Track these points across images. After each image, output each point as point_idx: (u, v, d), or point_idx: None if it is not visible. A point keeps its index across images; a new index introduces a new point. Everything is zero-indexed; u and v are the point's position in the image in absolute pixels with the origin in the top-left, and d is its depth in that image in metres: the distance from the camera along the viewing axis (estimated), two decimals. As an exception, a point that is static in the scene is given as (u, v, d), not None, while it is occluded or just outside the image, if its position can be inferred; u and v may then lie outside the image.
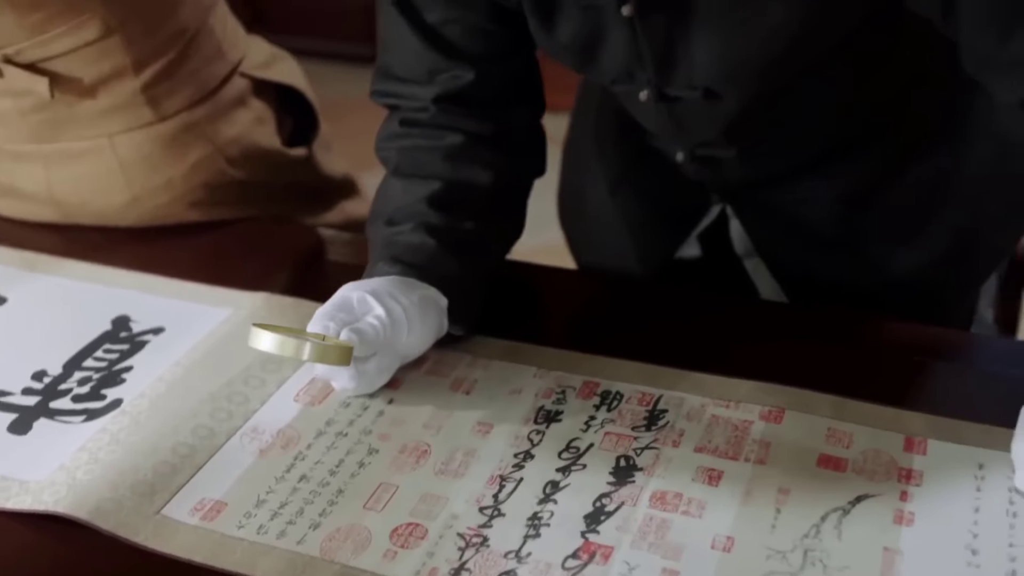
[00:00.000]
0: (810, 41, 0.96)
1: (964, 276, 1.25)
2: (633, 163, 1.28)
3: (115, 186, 1.22)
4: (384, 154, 1.09)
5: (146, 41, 1.16)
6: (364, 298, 0.94)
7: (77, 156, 1.21)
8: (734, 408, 0.94)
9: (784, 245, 1.21)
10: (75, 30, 1.12)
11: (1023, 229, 1.28)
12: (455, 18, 1.04)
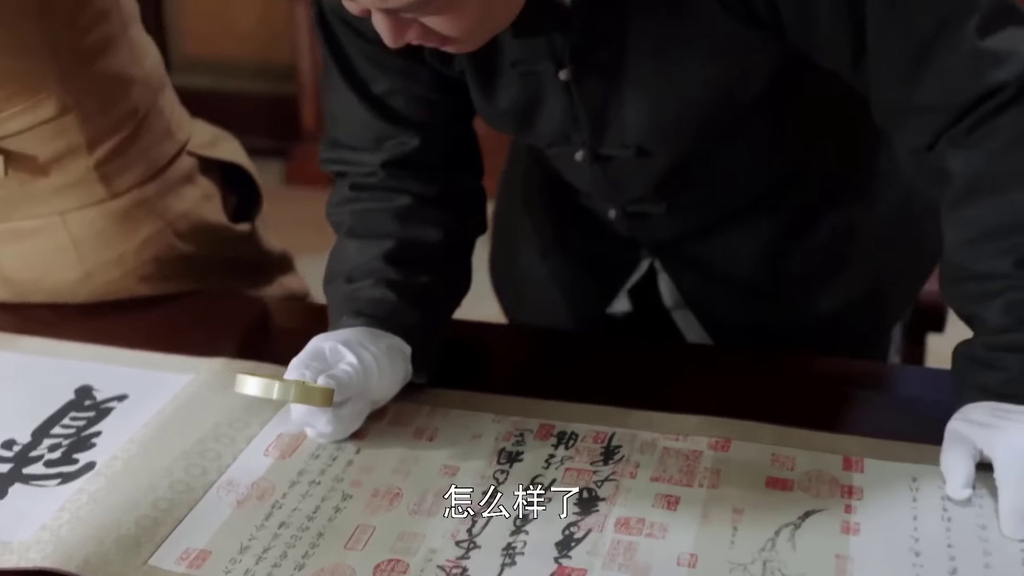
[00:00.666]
0: (731, 97, 1.05)
1: (876, 320, 1.34)
2: (564, 225, 1.35)
3: (67, 263, 1.24)
4: (336, 218, 1.15)
5: (100, 120, 1.20)
6: (336, 347, 0.98)
7: (28, 234, 1.24)
8: (683, 440, 1.00)
9: (711, 295, 1.28)
10: (32, 109, 1.16)
11: (926, 275, 1.37)
12: (400, 88, 1.11)
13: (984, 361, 0.95)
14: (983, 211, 0.95)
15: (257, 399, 1.03)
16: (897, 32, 0.93)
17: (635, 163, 1.11)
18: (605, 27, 0.99)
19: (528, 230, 1.38)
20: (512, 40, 1.01)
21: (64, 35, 1.16)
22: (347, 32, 1.09)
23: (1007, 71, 0.92)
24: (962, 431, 0.93)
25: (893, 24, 0.93)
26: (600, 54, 1.01)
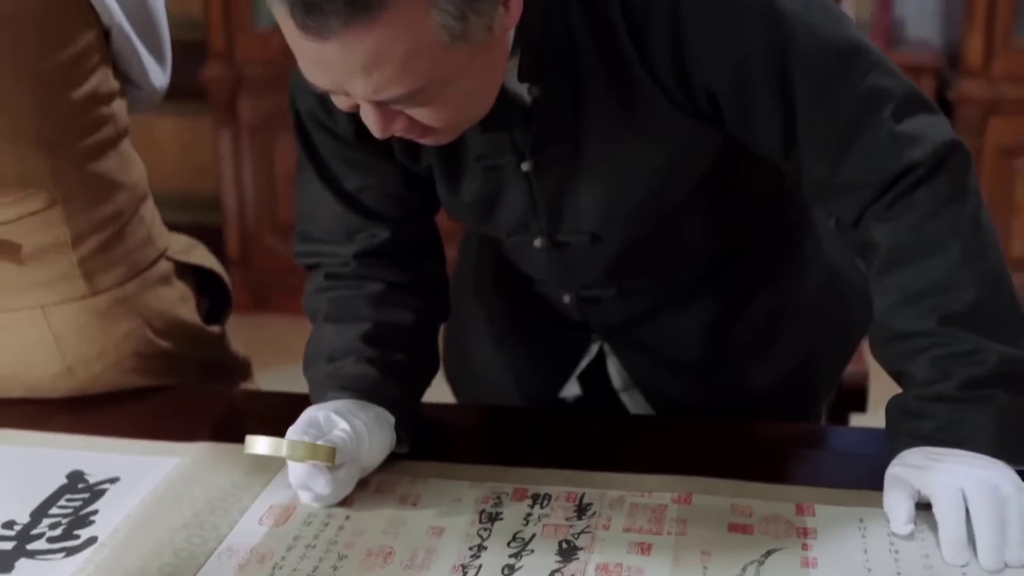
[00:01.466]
0: (675, 185, 1.16)
1: (807, 394, 1.45)
2: (516, 314, 1.44)
3: (48, 357, 1.30)
4: (313, 306, 1.23)
5: (86, 218, 1.27)
6: (329, 416, 1.06)
7: (8, 327, 1.29)
8: (648, 496, 1.09)
9: (657, 374, 1.38)
10: (21, 200, 1.24)
11: (852, 352, 1.49)
12: (371, 185, 1.21)
13: (915, 411, 1.05)
14: (906, 277, 1.07)
15: (246, 475, 1.11)
16: (823, 120, 1.06)
17: (589, 248, 1.22)
18: (562, 124, 1.11)
19: (480, 321, 1.47)
20: (477, 136, 1.11)
21: (61, 135, 1.24)
22: (322, 134, 1.19)
23: (920, 151, 1.05)
24: (901, 475, 1.03)
25: (819, 113, 1.06)
26: (558, 148, 1.12)
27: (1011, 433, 1.03)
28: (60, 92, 1.23)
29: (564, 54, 1.06)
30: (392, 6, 0.86)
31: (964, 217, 1.07)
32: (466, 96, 0.98)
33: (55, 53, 1.21)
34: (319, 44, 0.89)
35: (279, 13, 0.89)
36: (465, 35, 0.91)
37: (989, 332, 1.05)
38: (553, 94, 1.08)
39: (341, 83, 0.93)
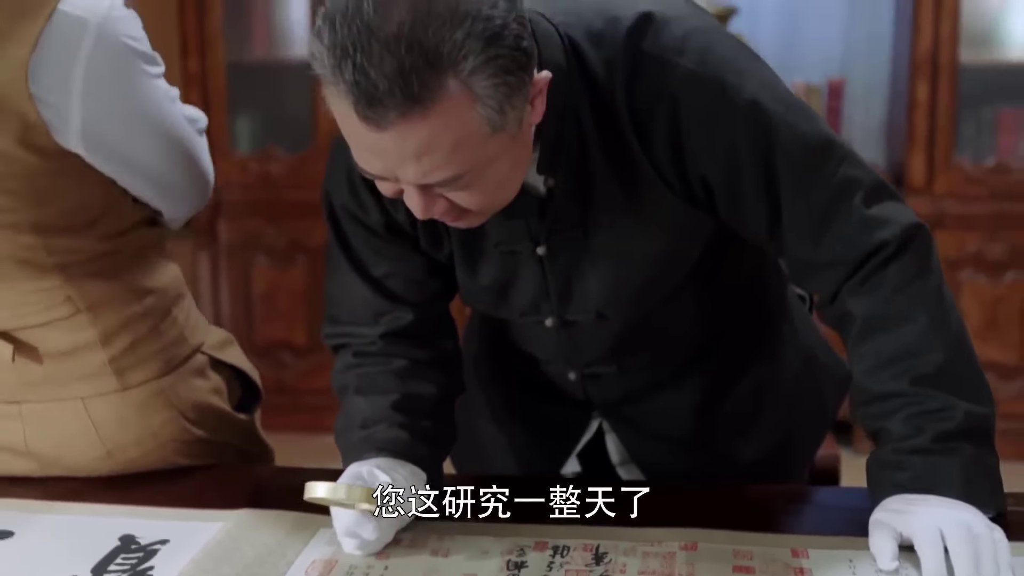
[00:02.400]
0: (672, 268, 1.31)
1: (785, 468, 1.57)
2: (519, 395, 1.56)
3: (89, 442, 1.40)
4: (342, 382, 1.34)
5: (112, 321, 1.38)
6: (372, 470, 1.17)
7: (54, 415, 1.39)
8: (658, 546, 1.20)
9: (653, 449, 1.51)
10: (45, 310, 1.35)
11: (826, 432, 1.63)
12: (397, 272, 1.34)
13: (893, 464, 1.18)
14: (880, 344, 1.21)
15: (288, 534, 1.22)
16: (803, 206, 1.21)
17: (595, 327, 1.35)
18: (573, 212, 1.25)
19: (483, 402, 1.59)
20: (496, 224, 1.25)
21: (76, 259, 1.35)
22: (354, 225, 1.33)
23: (888, 232, 1.21)
24: (883, 519, 1.16)
25: (800, 200, 1.21)
26: (569, 234, 1.27)
27: (978, 481, 1.16)
28: (72, 233, 1.34)
29: (575, 149, 1.21)
30: (443, 100, 1.00)
31: (929, 290, 1.22)
32: (500, 182, 1.12)
33: (59, 203, 1.31)
34: (377, 133, 1.02)
35: (340, 105, 1.03)
36: (503, 126, 1.05)
37: (956, 391, 1.19)
38: (565, 185, 1.23)
39: (393, 169, 1.06)
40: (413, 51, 0.98)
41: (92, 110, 1.26)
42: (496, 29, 1.01)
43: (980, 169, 3.58)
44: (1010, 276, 3.57)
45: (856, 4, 3.98)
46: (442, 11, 0.99)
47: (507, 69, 1.03)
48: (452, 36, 0.99)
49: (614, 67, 1.17)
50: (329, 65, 1.01)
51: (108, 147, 1.30)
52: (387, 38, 0.98)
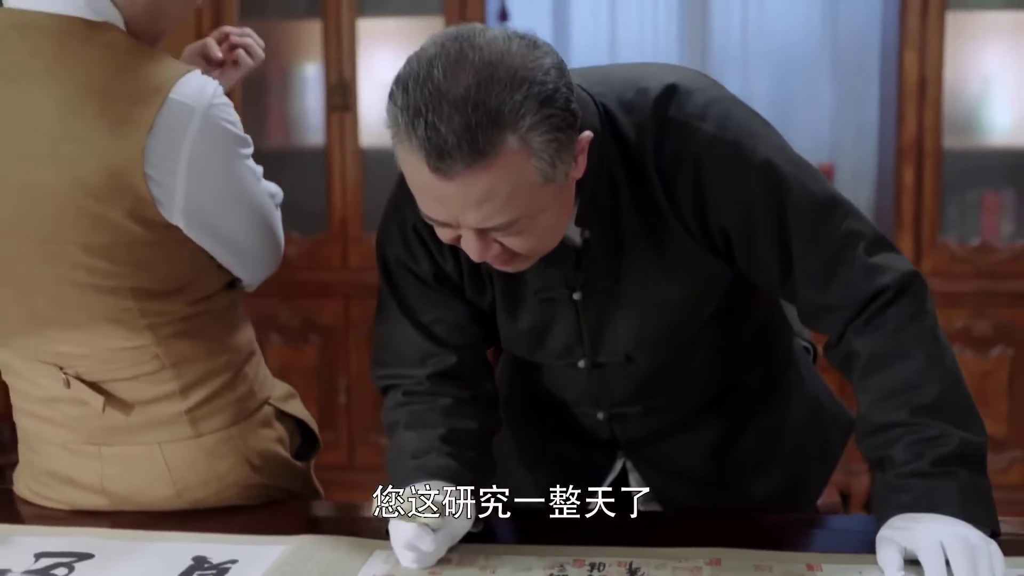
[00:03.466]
0: (694, 313, 1.45)
1: (794, 506, 1.70)
2: (548, 438, 1.68)
3: (162, 483, 1.52)
4: (392, 419, 1.47)
5: (191, 376, 1.51)
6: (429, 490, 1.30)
7: (132, 458, 1.51)
8: (686, 562, 1.32)
9: (673, 487, 1.63)
10: (134, 365, 1.48)
11: (830, 474, 1.75)
12: (444, 318, 1.48)
13: (897, 487, 1.31)
14: (883, 379, 1.35)
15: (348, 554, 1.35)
16: (812, 256, 1.36)
17: (623, 368, 1.48)
18: (605, 261, 1.40)
19: (512, 447, 1.70)
20: (536, 273, 1.40)
21: (165, 321, 1.48)
22: (406, 276, 1.47)
23: (888, 278, 1.35)
24: (889, 535, 1.29)
25: (809, 251, 1.36)
26: (601, 282, 1.41)
27: (974, 502, 1.30)
28: (165, 298, 1.47)
29: (609, 204, 1.36)
30: (504, 153, 1.16)
31: (925, 330, 1.37)
32: (548, 228, 1.27)
33: (157, 272, 1.45)
34: (444, 183, 1.17)
35: (412, 158, 1.18)
36: (553, 178, 1.20)
37: (951, 420, 1.32)
38: (599, 236, 1.38)
39: (456, 215, 1.21)
40: (478, 110, 1.14)
41: (194, 188, 1.40)
42: (549, 92, 1.17)
43: (965, 249, 3.75)
44: (996, 351, 3.72)
45: (844, 95, 4.19)
46: (503, 76, 1.15)
47: (558, 127, 1.18)
48: (512, 98, 1.15)
49: (644, 131, 1.33)
50: (403, 123, 1.17)
51: (205, 221, 1.43)
52: (455, 99, 1.14)
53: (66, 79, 1.36)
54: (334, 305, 3.98)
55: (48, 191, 1.37)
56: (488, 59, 1.17)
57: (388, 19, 4.02)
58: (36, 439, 1.55)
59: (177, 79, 1.38)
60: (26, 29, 1.38)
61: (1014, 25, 3.80)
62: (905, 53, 3.73)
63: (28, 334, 1.46)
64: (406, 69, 1.19)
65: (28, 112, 1.36)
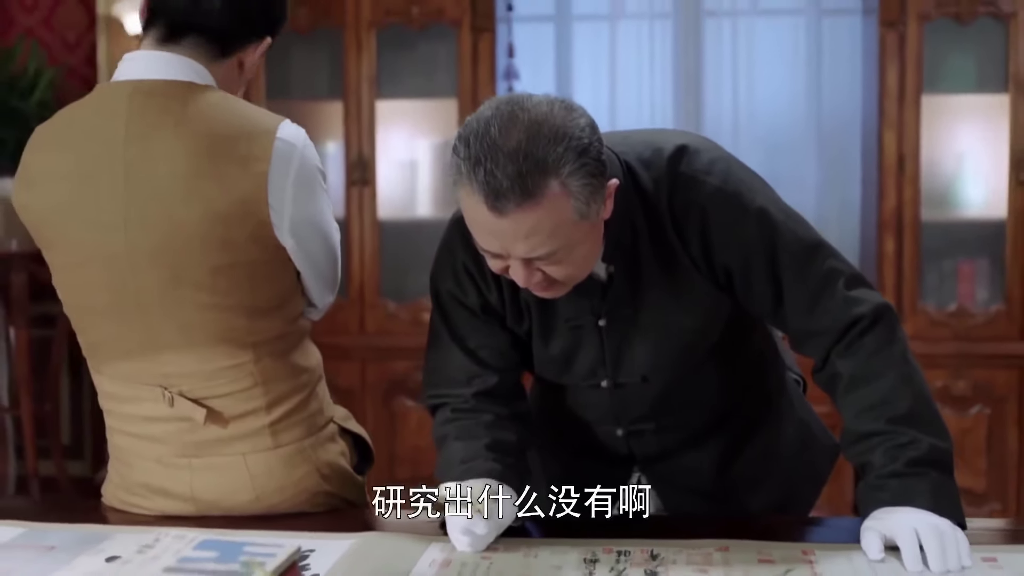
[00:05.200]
0: (701, 340, 1.69)
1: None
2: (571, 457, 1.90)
3: (243, 490, 1.74)
4: (442, 432, 1.71)
5: (276, 393, 1.74)
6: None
7: (220, 468, 1.74)
8: (699, 549, 1.55)
9: (682, 499, 1.86)
10: (233, 381, 1.71)
11: (817, 494, 1.98)
12: (487, 344, 1.72)
13: (877, 487, 1.55)
14: (862, 395, 1.60)
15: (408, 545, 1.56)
16: (800, 289, 1.61)
17: (640, 389, 1.72)
18: (627, 293, 1.65)
19: (539, 465, 1.92)
20: (567, 304, 1.65)
21: (265, 339, 1.72)
22: (456, 307, 1.72)
23: (864, 308, 1.61)
24: (871, 525, 1.52)
25: (798, 285, 1.61)
26: (622, 311, 1.66)
27: (943, 499, 1.53)
28: (268, 316, 1.72)
29: (629, 243, 1.61)
30: (548, 195, 1.42)
31: (896, 354, 1.62)
32: (582, 259, 1.52)
33: (266, 290, 1.71)
34: (499, 219, 1.43)
35: (472, 199, 1.44)
36: (588, 215, 1.46)
37: (921, 428, 1.57)
38: (622, 271, 1.63)
39: (507, 247, 1.46)
40: (528, 160, 1.40)
41: (297, 211, 1.68)
42: (584, 146, 1.44)
43: (943, 314, 4.01)
44: (975, 410, 3.97)
45: (828, 173, 4.50)
46: (547, 133, 1.42)
47: (592, 174, 1.45)
48: (555, 150, 1.41)
49: (659, 184, 1.59)
50: (465, 171, 1.43)
51: (301, 241, 1.70)
52: (509, 151, 1.41)
53: (192, 130, 1.63)
54: (351, 368, 4.21)
55: (183, 222, 1.63)
56: (535, 119, 1.43)
57: (404, 101, 4.33)
58: (131, 455, 1.78)
59: (278, 124, 1.68)
60: (150, 94, 1.66)
61: (985, 107, 4.11)
62: (884, 134, 4.03)
63: (141, 358, 1.70)
64: (466, 128, 1.46)
65: (164, 159, 1.63)
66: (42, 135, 1.73)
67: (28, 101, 4.45)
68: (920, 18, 3.99)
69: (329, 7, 4.19)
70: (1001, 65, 4.02)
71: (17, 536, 1.65)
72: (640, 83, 4.61)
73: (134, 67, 1.69)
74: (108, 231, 1.65)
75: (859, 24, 4.42)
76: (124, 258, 1.65)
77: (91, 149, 1.66)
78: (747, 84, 4.56)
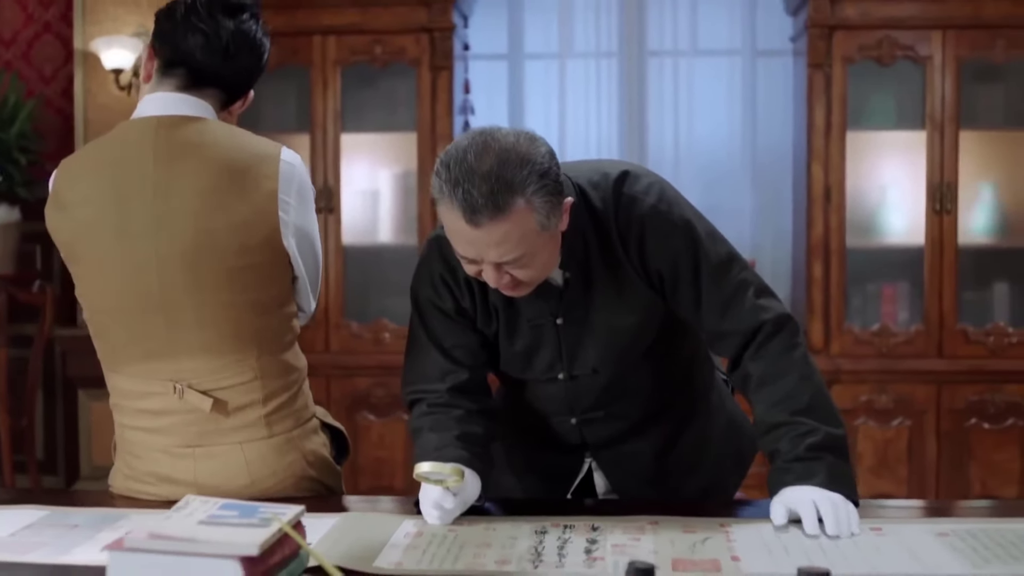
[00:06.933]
0: (641, 338, 1.97)
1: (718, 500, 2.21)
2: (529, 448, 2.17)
3: (240, 475, 1.99)
4: (417, 424, 1.98)
5: (272, 388, 2.00)
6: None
7: (219, 455, 1.99)
8: (633, 523, 1.83)
9: (628, 482, 2.12)
10: (238, 373, 1.97)
11: (742, 478, 2.26)
12: (460, 344, 2.00)
13: (784, 470, 1.84)
14: (769, 391, 1.89)
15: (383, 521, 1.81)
16: (714, 295, 1.91)
17: (591, 380, 2.00)
18: (579, 296, 1.93)
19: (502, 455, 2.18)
20: (529, 305, 1.93)
21: (269, 338, 1.99)
22: (433, 311, 1.99)
23: (769, 315, 1.91)
24: (778, 500, 1.81)
25: (713, 290, 1.91)
26: (576, 312, 1.94)
27: (839, 479, 1.82)
28: (271, 313, 2.00)
29: (582, 253, 1.90)
30: (515, 210, 1.71)
31: (798, 357, 1.91)
32: (544, 264, 1.81)
33: (271, 288, 1.99)
34: (474, 230, 1.71)
35: (452, 214, 1.72)
36: (548, 227, 1.76)
37: (820, 419, 1.86)
38: (575, 277, 1.92)
39: (481, 253, 1.75)
40: (499, 181, 1.70)
41: (298, 221, 1.97)
42: (545, 169, 1.74)
43: (867, 333, 4.34)
44: (896, 422, 4.29)
45: (762, 202, 4.83)
46: (515, 159, 1.72)
47: (551, 192, 1.74)
48: (521, 173, 1.71)
49: (607, 203, 1.89)
50: (446, 190, 1.72)
51: (299, 245, 1.99)
52: (483, 174, 1.70)
53: (212, 154, 1.93)
54: (316, 384, 4.36)
55: (209, 231, 1.91)
56: (504, 147, 1.73)
57: (367, 134, 4.62)
58: (140, 447, 2.03)
59: (280, 149, 1.99)
60: (173, 126, 1.95)
61: (906, 142, 4.46)
62: (813, 167, 4.36)
63: (160, 356, 1.96)
64: (447, 155, 1.75)
65: (189, 179, 1.92)
66: (72, 166, 2.01)
67: (8, 132, 4.67)
68: (844, 60, 4.34)
69: (297, 47, 4.48)
70: (919, 104, 4.38)
71: (43, 517, 1.90)
72: (588, 117, 4.92)
73: (155, 106, 1.97)
74: (138, 241, 1.92)
75: (790, 65, 4.76)
76: (153, 264, 1.92)
77: (122, 173, 1.94)
78: (687, 119, 4.89)
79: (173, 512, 1.48)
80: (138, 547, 1.34)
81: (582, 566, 1.63)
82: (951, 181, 4.31)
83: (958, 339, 4.32)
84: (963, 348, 4.32)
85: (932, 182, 4.33)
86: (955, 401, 4.30)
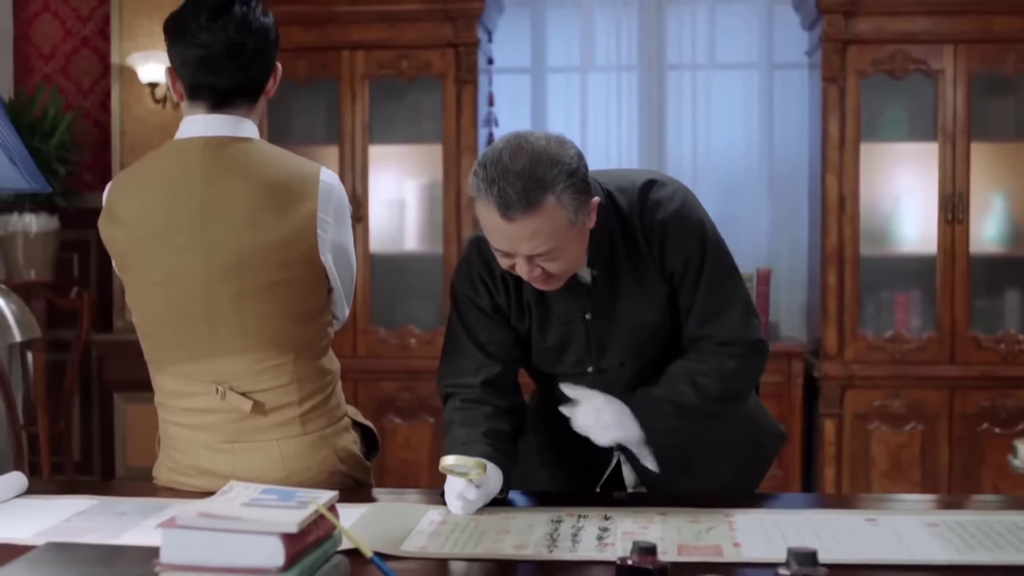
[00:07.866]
0: (660, 332, 2.10)
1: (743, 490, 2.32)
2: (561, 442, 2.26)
3: (275, 470, 2.12)
4: (449, 418, 2.11)
5: (307, 389, 2.14)
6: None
7: (257, 451, 2.12)
8: (642, 514, 1.95)
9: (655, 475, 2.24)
10: (275, 377, 2.11)
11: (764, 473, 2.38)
12: (494, 339, 2.13)
13: None
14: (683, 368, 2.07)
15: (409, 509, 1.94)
16: (704, 303, 2.05)
17: (618, 372, 2.12)
18: (607, 294, 2.06)
19: (533, 450, 2.31)
20: (560, 301, 2.06)
21: (305, 344, 2.12)
22: (470, 307, 2.13)
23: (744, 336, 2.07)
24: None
25: (703, 300, 2.04)
26: (603, 308, 2.07)
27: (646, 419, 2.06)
28: (308, 322, 2.13)
29: (609, 252, 2.04)
30: (546, 206, 1.85)
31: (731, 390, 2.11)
32: (573, 258, 1.95)
33: (309, 300, 2.12)
34: (508, 224, 1.85)
35: (488, 210, 1.86)
36: (576, 223, 1.89)
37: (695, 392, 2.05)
38: (603, 275, 2.05)
39: (515, 247, 1.89)
40: (531, 179, 1.84)
41: (334, 238, 2.11)
42: (573, 169, 1.88)
43: (880, 340, 4.44)
44: (909, 427, 4.39)
45: (779, 212, 4.94)
46: (546, 159, 1.86)
47: (580, 190, 1.89)
48: (552, 171, 1.85)
49: (633, 206, 2.03)
50: (483, 188, 1.86)
51: (336, 260, 2.12)
52: (517, 173, 1.84)
53: (255, 173, 2.06)
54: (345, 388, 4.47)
55: (250, 246, 2.04)
56: (536, 149, 1.88)
57: (394, 146, 4.76)
58: (183, 442, 2.17)
59: (319, 168, 2.12)
60: (220, 147, 2.08)
61: (918, 154, 4.56)
62: (827, 178, 4.47)
63: (203, 360, 2.09)
64: (484, 156, 1.90)
65: (235, 197, 2.05)
66: (126, 182, 2.15)
67: (48, 143, 4.84)
68: (859, 74, 4.45)
69: (326, 61, 4.63)
70: (931, 116, 4.48)
71: (93, 505, 2.05)
72: (608, 128, 5.05)
73: (196, 127, 2.10)
74: (186, 254, 2.06)
75: (806, 78, 4.88)
76: (199, 275, 2.06)
77: (173, 189, 2.07)
78: (705, 131, 5.01)
79: (219, 496, 1.61)
80: (189, 524, 1.47)
81: (594, 551, 1.75)
82: (963, 191, 4.41)
83: (970, 345, 4.42)
84: (975, 354, 4.42)
85: (944, 192, 4.43)
86: (967, 406, 4.40)
